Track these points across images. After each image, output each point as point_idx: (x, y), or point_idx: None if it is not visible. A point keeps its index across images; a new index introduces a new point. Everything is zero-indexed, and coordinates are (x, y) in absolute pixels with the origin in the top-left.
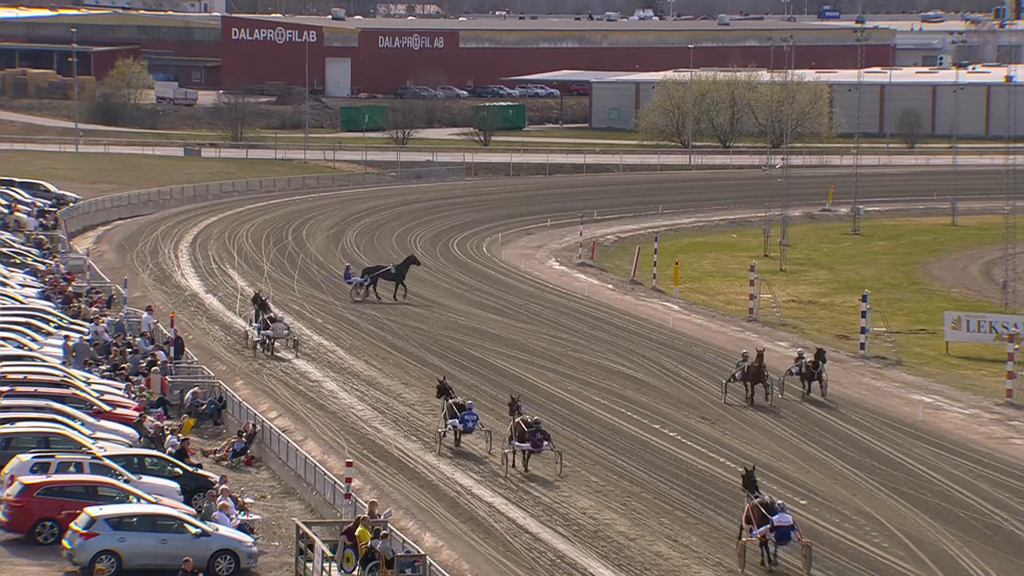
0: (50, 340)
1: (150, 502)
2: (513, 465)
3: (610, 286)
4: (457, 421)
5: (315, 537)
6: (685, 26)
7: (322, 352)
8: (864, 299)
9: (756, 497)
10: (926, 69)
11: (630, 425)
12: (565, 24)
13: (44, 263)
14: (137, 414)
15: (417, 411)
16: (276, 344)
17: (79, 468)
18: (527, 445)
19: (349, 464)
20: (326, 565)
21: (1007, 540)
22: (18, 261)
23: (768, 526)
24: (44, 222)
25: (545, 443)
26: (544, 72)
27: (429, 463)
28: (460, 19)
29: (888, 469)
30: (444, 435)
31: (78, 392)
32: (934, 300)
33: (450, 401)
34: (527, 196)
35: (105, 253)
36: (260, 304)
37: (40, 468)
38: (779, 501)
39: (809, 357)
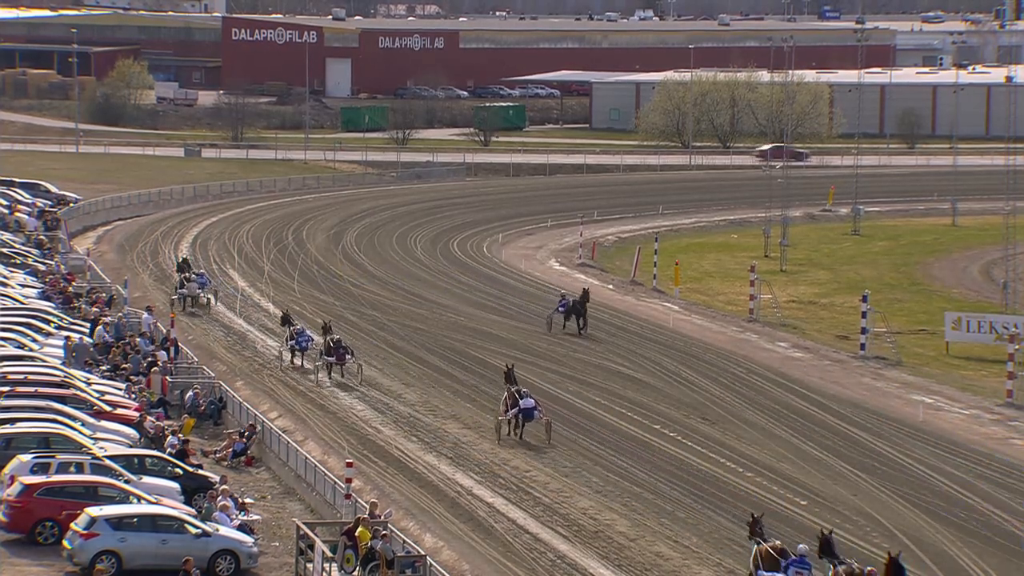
0: (50, 340)
1: (150, 502)
2: (329, 376)
3: (610, 286)
4: (294, 343)
5: (315, 537)
6: (685, 26)
7: None
8: (864, 299)
9: (513, 387)
10: (926, 70)
11: (631, 426)
12: (565, 24)
13: (44, 263)
14: (137, 414)
15: (418, 411)
16: (203, 299)
17: (79, 468)
18: (332, 358)
19: (349, 464)
20: (326, 565)
21: (1007, 540)
22: (18, 261)
23: (517, 408)
24: (46, 222)
25: (348, 356)
26: (544, 72)
27: (429, 463)
28: (460, 19)
29: (888, 469)
30: (282, 354)
31: (78, 392)
32: (934, 300)
33: (292, 328)
34: (527, 196)
35: (105, 253)
36: (178, 267)
37: (40, 468)
38: (525, 389)
39: None
